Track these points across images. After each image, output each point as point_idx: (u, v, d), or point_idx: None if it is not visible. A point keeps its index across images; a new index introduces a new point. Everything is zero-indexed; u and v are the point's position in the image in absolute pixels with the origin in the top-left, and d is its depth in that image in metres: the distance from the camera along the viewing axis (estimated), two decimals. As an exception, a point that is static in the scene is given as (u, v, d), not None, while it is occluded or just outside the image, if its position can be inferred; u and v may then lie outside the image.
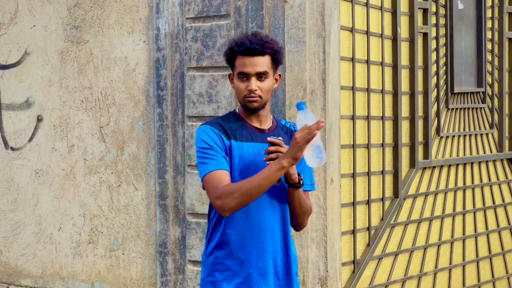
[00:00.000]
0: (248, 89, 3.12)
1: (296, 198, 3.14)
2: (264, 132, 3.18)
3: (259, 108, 3.16)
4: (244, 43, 3.13)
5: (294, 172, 3.07)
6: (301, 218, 3.21)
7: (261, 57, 3.12)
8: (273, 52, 3.15)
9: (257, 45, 3.12)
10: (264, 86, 3.13)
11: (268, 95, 3.16)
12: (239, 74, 3.14)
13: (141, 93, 5.08)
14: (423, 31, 5.49)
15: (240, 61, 3.13)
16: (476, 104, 6.07)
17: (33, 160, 5.53)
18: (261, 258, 3.15)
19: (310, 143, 2.95)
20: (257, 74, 3.12)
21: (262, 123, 3.21)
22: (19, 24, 5.56)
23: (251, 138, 3.16)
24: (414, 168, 5.42)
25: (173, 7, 4.86)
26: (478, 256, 6.12)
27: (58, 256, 5.45)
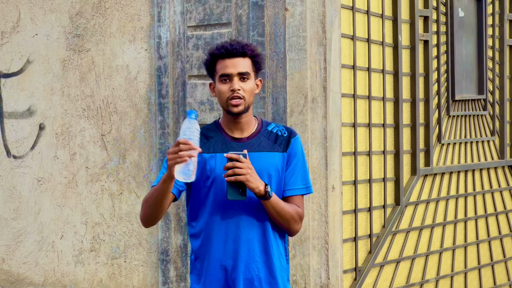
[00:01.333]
0: (231, 89, 3.09)
1: (271, 209, 3.08)
2: (241, 141, 3.15)
3: (243, 111, 3.12)
4: (224, 46, 3.14)
5: (257, 185, 3.01)
6: (284, 225, 3.15)
7: (242, 58, 3.12)
8: (253, 55, 3.15)
9: (237, 46, 3.12)
10: (247, 87, 3.11)
11: (251, 98, 3.13)
12: (221, 77, 3.12)
13: (142, 101, 5.09)
14: (424, 39, 5.50)
15: (221, 64, 3.12)
16: (477, 111, 6.08)
17: (35, 168, 5.54)
18: (235, 268, 3.12)
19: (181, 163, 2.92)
20: (239, 75, 3.11)
21: (243, 131, 3.18)
22: (21, 32, 5.58)
23: (226, 149, 3.13)
24: (415, 175, 5.42)
25: (174, 15, 4.88)
26: (480, 263, 6.12)
27: (60, 264, 5.45)
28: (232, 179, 2.99)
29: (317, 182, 4.56)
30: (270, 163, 3.14)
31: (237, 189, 3.02)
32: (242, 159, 3.00)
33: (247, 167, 3.00)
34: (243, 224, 3.11)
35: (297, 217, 3.16)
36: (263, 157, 3.14)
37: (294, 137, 3.21)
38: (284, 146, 3.18)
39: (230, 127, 3.18)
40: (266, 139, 3.18)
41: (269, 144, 3.17)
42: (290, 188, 3.19)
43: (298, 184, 3.20)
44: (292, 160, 3.19)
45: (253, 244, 3.12)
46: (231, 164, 2.99)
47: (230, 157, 3.00)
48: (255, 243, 3.12)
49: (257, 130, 3.20)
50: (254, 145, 3.15)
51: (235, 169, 2.99)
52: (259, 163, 3.12)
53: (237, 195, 3.02)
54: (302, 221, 3.20)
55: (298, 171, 3.20)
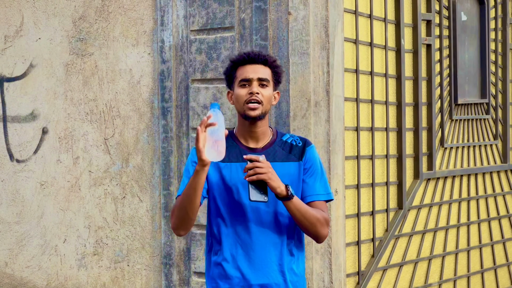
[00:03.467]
0: (250, 92, 3.09)
1: (295, 210, 3.05)
2: (257, 151, 3.14)
3: (260, 116, 3.10)
4: (246, 53, 3.15)
5: (279, 185, 3.00)
6: (310, 229, 3.10)
7: (263, 66, 3.13)
8: (275, 66, 3.16)
9: (259, 54, 3.14)
10: (266, 93, 3.11)
11: (268, 105, 3.13)
12: (241, 81, 3.12)
13: (145, 105, 5.09)
14: (427, 43, 5.51)
15: (241, 70, 3.13)
16: (480, 115, 6.08)
17: (38, 172, 5.55)
18: (252, 275, 3.11)
19: (210, 137, 2.93)
20: (259, 80, 3.11)
21: (258, 141, 3.17)
22: (25, 36, 5.59)
23: (241, 158, 3.11)
24: (418, 179, 5.42)
25: (177, 19, 4.89)
26: (483, 267, 6.12)
27: (63, 268, 5.46)
28: (254, 178, 2.97)
29: (320, 186, 4.57)
30: (285, 173, 3.13)
31: (259, 190, 3.00)
32: (261, 159, 3.00)
33: (268, 166, 3.00)
34: (260, 232, 3.10)
35: (323, 220, 3.12)
36: (278, 167, 3.12)
37: (308, 146, 3.20)
38: (299, 155, 3.17)
39: (246, 136, 3.17)
40: (281, 149, 3.17)
41: (284, 154, 3.16)
42: (311, 194, 3.16)
43: (319, 190, 3.18)
44: (310, 168, 3.17)
45: (270, 252, 3.11)
46: (252, 164, 2.99)
47: (250, 158, 3.00)
48: (272, 251, 3.11)
49: (272, 140, 3.19)
50: (269, 155, 3.14)
51: (256, 169, 2.98)
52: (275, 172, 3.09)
53: (259, 195, 3.00)
54: (328, 226, 3.16)
55: (317, 178, 3.18)
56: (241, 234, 3.12)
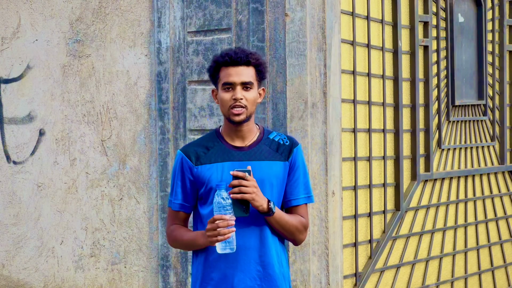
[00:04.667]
0: (234, 98, 3.09)
1: (275, 223, 3.09)
2: (243, 150, 3.15)
3: (245, 120, 3.12)
4: (229, 53, 3.14)
5: (261, 203, 3.02)
6: (289, 237, 3.16)
7: (246, 67, 3.12)
8: (257, 64, 3.15)
9: (242, 55, 3.12)
10: (249, 97, 3.11)
11: (253, 107, 3.13)
12: (224, 85, 3.11)
13: (142, 106, 5.09)
14: (424, 44, 5.51)
15: (224, 72, 3.12)
16: (477, 116, 6.08)
17: (35, 174, 5.54)
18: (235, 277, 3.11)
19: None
20: (242, 84, 3.10)
21: (244, 139, 3.17)
22: (22, 38, 5.59)
23: (227, 158, 3.13)
24: (415, 180, 5.42)
25: (174, 21, 4.89)
26: (480, 269, 6.12)
27: (60, 269, 5.45)
28: (239, 197, 2.99)
29: (317, 187, 4.56)
30: (271, 172, 3.14)
31: (241, 206, 3.02)
32: (248, 177, 3.00)
33: (253, 185, 3.01)
34: (243, 232, 3.10)
35: (301, 227, 3.17)
36: (265, 166, 3.13)
37: (296, 147, 3.20)
38: (286, 155, 3.18)
39: (231, 135, 3.17)
40: (268, 147, 3.18)
41: (270, 153, 3.17)
42: (293, 198, 3.19)
43: (300, 194, 3.19)
44: (295, 170, 3.19)
45: (253, 253, 3.12)
46: (237, 182, 3.00)
47: (236, 175, 3.00)
48: (254, 252, 3.12)
49: (259, 139, 3.19)
50: (255, 154, 3.15)
51: (241, 188, 2.99)
52: (261, 172, 3.12)
53: (241, 212, 3.03)
54: (307, 231, 3.20)
55: (300, 180, 3.19)
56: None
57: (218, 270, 3.13)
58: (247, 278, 3.12)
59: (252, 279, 3.12)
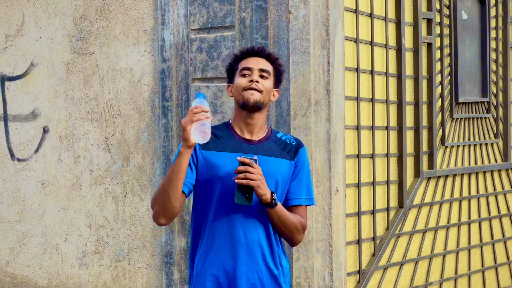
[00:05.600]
0: (250, 80, 3.10)
1: (276, 217, 3.09)
2: (252, 143, 3.15)
3: (258, 104, 3.11)
4: (251, 46, 3.22)
5: (265, 193, 3.02)
6: (287, 235, 3.16)
7: (266, 60, 3.16)
8: (277, 63, 3.18)
9: (263, 49, 3.18)
10: (265, 84, 3.13)
11: (267, 96, 3.14)
12: (242, 70, 3.13)
13: (146, 104, 5.10)
14: (427, 41, 5.51)
15: (243, 62, 3.16)
16: (480, 113, 6.08)
17: (39, 171, 5.55)
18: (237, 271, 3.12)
19: (195, 124, 2.93)
20: (260, 71, 3.12)
21: (253, 134, 3.18)
22: (25, 36, 5.59)
23: (236, 149, 3.13)
24: (419, 178, 5.42)
25: (178, 18, 4.89)
26: (484, 265, 6.12)
27: (64, 266, 5.46)
28: (244, 182, 2.98)
29: (320, 184, 4.57)
30: (278, 169, 3.15)
31: (245, 194, 3.02)
32: (254, 164, 3.00)
33: (259, 173, 3.00)
34: (246, 226, 3.11)
35: (300, 227, 3.17)
36: (272, 162, 3.14)
37: (302, 147, 3.23)
38: (292, 154, 3.19)
39: (241, 127, 3.17)
40: (276, 145, 3.19)
41: (278, 150, 3.18)
42: (295, 198, 3.20)
43: (303, 194, 3.20)
44: (299, 170, 3.20)
45: (256, 247, 3.13)
46: (244, 168, 2.99)
47: (243, 161, 3.00)
48: (257, 246, 3.13)
49: (267, 135, 3.20)
50: (264, 149, 3.15)
51: (247, 174, 2.99)
52: (268, 167, 3.12)
53: (244, 199, 3.02)
54: (304, 232, 3.20)
55: (303, 181, 3.21)
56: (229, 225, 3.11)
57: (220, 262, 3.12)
58: (249, 272, 3.12)
59: (255, 272, 3.12)
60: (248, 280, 3.12)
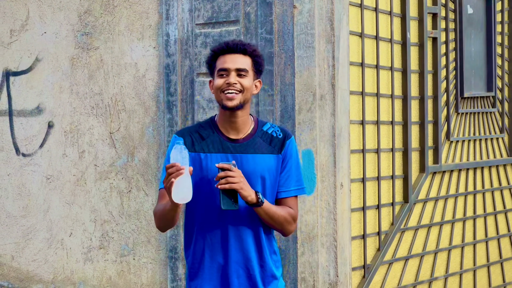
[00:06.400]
0: (227, 83, 3.10)
1: (264, 214, 3.11)
2: (237, 142, 3.16)
3: (238, 106, 3.11)
4: (226, 42, 3.17)
5: (249, 193, 3.04)
6: (278, 228, 3.18)
7: (242, 55, 3.14)
8: (254, 54, 3.17)
9: (239, 43, 3.15)
10: (244, 83, 3.12)
11: (247, 94, 3.13)
12: (219, 71, 3.13)
13: (151, 99, 5.10)
14: (433, 36, 5.49)
15: (220, 60, 3.15)
16: (486, 108, 6.07)
17: (44, 166, 5.56)
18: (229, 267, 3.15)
19: (176, 181, 2.94)
20: (237, 70, 3.12)
21: (239, 132, 3.17)
22: (30, 31, 5.59)
23: (221, 149, 3.15)
24: (424, 172, 5.42)
25: (182, 13, 4.88)
26: (489, 260, 6.11)
27: (69, 261, 5.47)
28: (227, 186, 3.01)
29: (325, 179, 4.56)
30: (264, 166, 3.16)
31: (230, 198, 3.04)
32: (233, 168, 3.03)
33: (239, 175, 3.03)
34: (236, 224, 3.14)
35: (290, 218, 3.19)
36: (258, 160, 3.15)
37: (289, 139, 3.22)
38: (278, 148, 3.19)
39: (226, 127, 3.18)
40: (262, 140, 3.18)
41: (264, 146, 3.18)
42: (283, 190, 3.21)
43: (291, 186, 3.21)
44: (287, 162, 3.21)
45: (246, 243, 3.15)
46: (224, 173, 3.01)
47: (222, 166, 3.02)
48: (248, 242, 3.16)
49: (253, 132, 3.20)
50: (249, 147, 3.16)
51: (228, 178, 3.01)
52: (254, 165, 3.14)
53: (230, 204, 3.04)
54: (296, 222, 3.23)
55: (292, 173, 3.21)
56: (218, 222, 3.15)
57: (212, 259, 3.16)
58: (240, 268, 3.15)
59: (246, 268, 3.15)
60: (240, 276, 3.15)
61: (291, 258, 4.51)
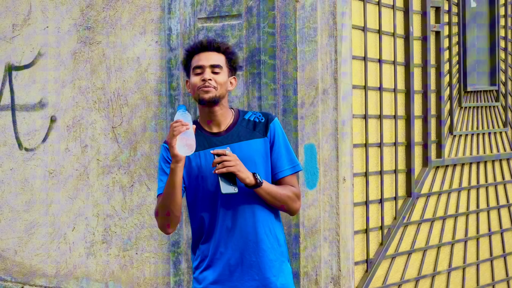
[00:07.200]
0: (202, 79, 3.20)
1: (265, 195, 3.19)
2: (220, 135, 3.26)
3: (214, 99, 3.21)
4: (199, 41, 3.30)
5: (247, 175, 3.13)
6: (283, 207, 3.26)
7: (216, 53, 3.25)
8: (228, 52, 3.28)
9: (212, 41, 3.27)
10: (218, 79, 3.22)
11: (223, 89, 3.23)
12: (194, 69, 3.23)
13: (153, 93, 5.09)
14: (436, 30, 5.48)
15: (195, 59, 3.26)
16: (489, 102, 6.06)
17: (46, 161, 5.56)
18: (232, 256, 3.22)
19: (178, 138, 3.05)
20: (211, 67, 3.22)
21: (220, 124, 3.28)
22: (32, 25, 5.59)
23: (208, 145, 3.24)
24: (427, 167, 5.41)
25: (184, 7, 4.88)
26: (492, 254, 6.10)
27: (72, 256, 5.47)
28: (224, 170, 3.09)
29: (328, 173, 4.56)
30: (252, 151, 3.24)
31: (229, 182, 3.12)
32: (228, 152, 3.12)
33: (235, 159, 3.12)
34: (235, 214, 3.22)
35: (293, 196, 3.27)
36: (245, 146, 3.24)
37: (272, 121, 3.30)
38: (263, 131, 3.28)
39: (207, 122, 3.28)
40: (245, 128, 3.28)
41: (248, 133, 3.27)
42: (279, 171, 3.29)
43: (285, 165, 3.29)
44: (274, 143, 3.28)
45: (246, 232, 3.22)
46: (219, 158, 3.10)
47: (217, 153, 3.12)
48: (247, 230, 3.22)
49: (234, 121, 3.30)
50: (233, 136, 3.26)
51: (224, 162, 3.10)
52: (242, 152, 3.22)
53: (230, 188, 3.11)
54: (299, 199, 3.31)
55: (282, 153, 3.29)
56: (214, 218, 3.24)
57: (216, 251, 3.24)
58: (241, 256, 3.22)
59: (247, 255, 3.22)
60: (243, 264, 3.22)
61: (293, 252, 4.51)
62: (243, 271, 3.22)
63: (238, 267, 3.22)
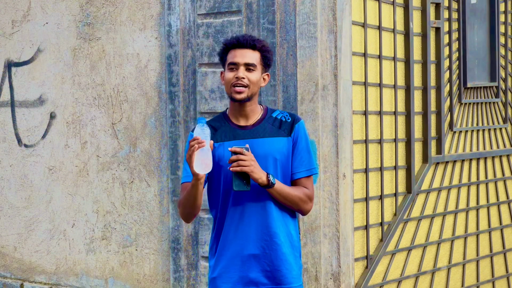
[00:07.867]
0: (236, 77, 3.27)
1: (277, 195, 3.27)
2: (247, 129, 3.33)
3: (246, 99, 3.29)
4: (237, 36, 3.35)
5: (260, 176, 3.20)
6: (294, 207, 3.33)
7: (251, 50, 3.31)
8: (263, 49, 3.33)
9: (249, 38, 3.32)
10: (252, 77, 3.29)
11: (255, 88, 3.30)
12: (229, 65, 3.30)
13: (153, 89, 5.09)
14: (436, 26, 5.47)
15: (231, 54, 3.32)
16: (489, 98, 6.05)
17: (46, 157, 5.56)
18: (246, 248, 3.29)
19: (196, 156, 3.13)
20: (245, 65, 3.29)
21: (248, 119, 3.35)
22: (32, 21, 5.58)
23: (233, 137, 3.32)
24: (427, 163, 5.41)
25: (184, 3, 4.87)
26: (492, 251, 6.10)
27: (72, 252, 5.47)
28: (238, 169, 3.17)
29: (328, 170, 4.56)
30: (275, 148, 3.31)
31: (242, 180, 3.20)
32: (245, 152, 3.19)
33: (251, 159, 3.19)
34: (251, 207, 3.29)
35: (305, 197, 3.34)
36: (268, 143, 3.31)
37: (297, 122, 3.38)
38: (288, 130, 3.35)
39: (236, 115, 3.36)
40: (271, 125, 3.35)
41: (273, 130, 3.34)
42: (295, 172, 3.36)
43: (303, 167, 3.36)
44: (297, 144, 3.36)
45: (261, 225, 3.29)
46: (236, 157, 3.18)
47: (234, 150, 3.19)
48: (262, 224, 3.29)
49: (262, 117, 3.37)
50: (259, 132, 3.33)
51: (240, 162, 3.17)
52: (265, 148, 3.30)
53: (242, 185, 3.20)
54: (312, 201, 3.38)
55: (303, 155, 3.36)
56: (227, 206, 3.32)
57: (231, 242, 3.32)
58: (254, 248, 3.29)
59: (260, 247, 3.28)
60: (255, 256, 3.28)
61: (293, 248, 4.51)
62: (255, 261, 3.28)
63: (251, 257, 3.29)
